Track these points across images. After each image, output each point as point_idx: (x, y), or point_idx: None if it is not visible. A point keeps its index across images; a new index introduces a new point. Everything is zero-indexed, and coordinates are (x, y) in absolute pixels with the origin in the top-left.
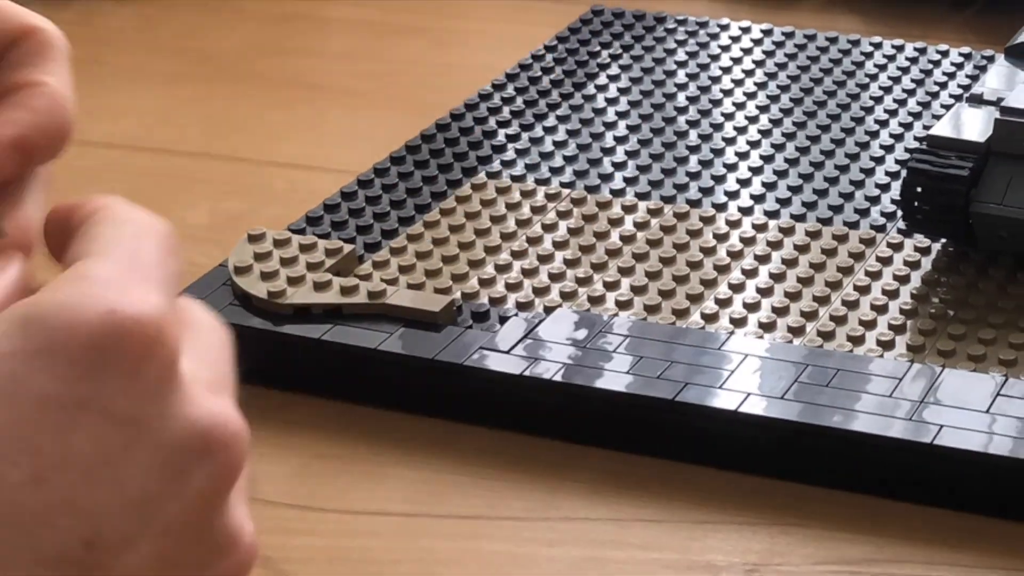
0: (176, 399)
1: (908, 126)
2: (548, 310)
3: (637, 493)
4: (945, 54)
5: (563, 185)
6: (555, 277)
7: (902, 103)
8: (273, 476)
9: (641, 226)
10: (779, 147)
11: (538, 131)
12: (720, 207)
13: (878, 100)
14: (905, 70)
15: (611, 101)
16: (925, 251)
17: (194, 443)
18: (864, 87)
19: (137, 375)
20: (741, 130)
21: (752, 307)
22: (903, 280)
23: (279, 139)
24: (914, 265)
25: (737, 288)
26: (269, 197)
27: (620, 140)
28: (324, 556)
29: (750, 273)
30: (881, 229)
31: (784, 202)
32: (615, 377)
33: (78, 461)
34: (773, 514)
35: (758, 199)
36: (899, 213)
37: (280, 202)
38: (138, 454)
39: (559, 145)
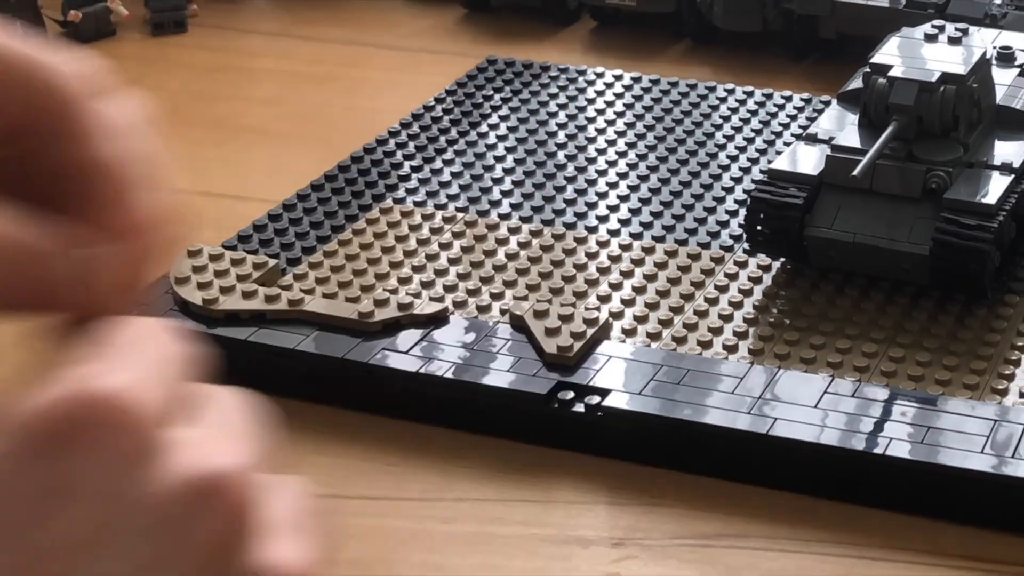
0: (157, 463)
1: (755, 161)
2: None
3: (520, 477)
4: (789, 99)
5: (458, 210)
6: (449, 288)
7: (751, 141)
8: None
9: (524, 245)
10: (644, 178)
11: (438, 163)
12: (592, 229)
13: (730, 138)
14: (754, 112)
15: (501, 138)
16: (766, 268)
17: (186, 500)
18: (718, 127)
19: (104, 450)
20: (612, 163)
21: (616, 316)
22: (747, 293)
23: (211, 173)
24: (756, 280)
25: (604, 299)
26: (203, 223)
27: (508, 171)
28: None
29: (616, 286)
30: (729, 249)
31: (647, 225)
32: (498, 375)
33: (65, 545)
34: (637, 495)
35: (625, 223)
36: (744, 236)
37: (212, 227)
38: (128, 524)
39: (456, 175)
